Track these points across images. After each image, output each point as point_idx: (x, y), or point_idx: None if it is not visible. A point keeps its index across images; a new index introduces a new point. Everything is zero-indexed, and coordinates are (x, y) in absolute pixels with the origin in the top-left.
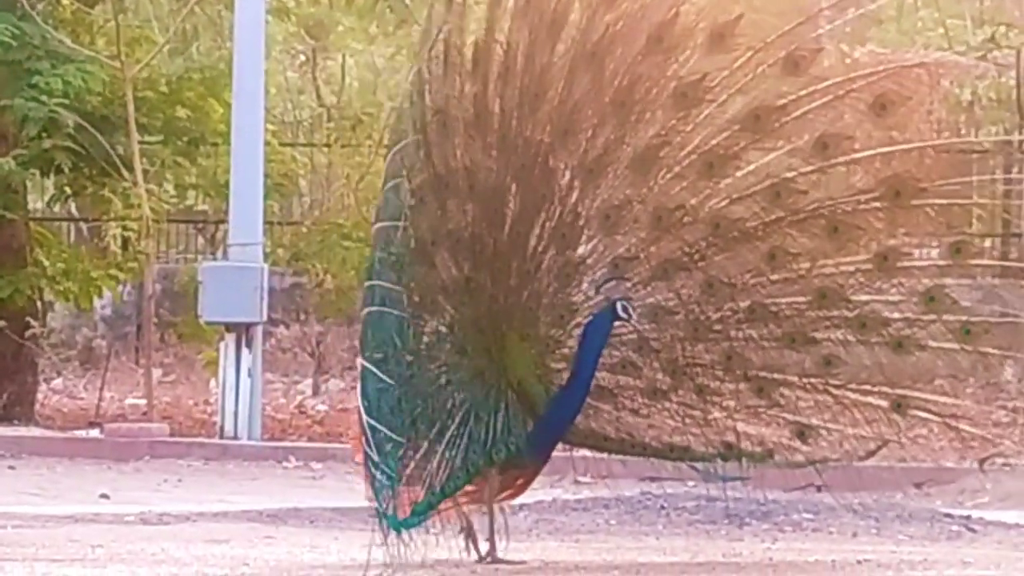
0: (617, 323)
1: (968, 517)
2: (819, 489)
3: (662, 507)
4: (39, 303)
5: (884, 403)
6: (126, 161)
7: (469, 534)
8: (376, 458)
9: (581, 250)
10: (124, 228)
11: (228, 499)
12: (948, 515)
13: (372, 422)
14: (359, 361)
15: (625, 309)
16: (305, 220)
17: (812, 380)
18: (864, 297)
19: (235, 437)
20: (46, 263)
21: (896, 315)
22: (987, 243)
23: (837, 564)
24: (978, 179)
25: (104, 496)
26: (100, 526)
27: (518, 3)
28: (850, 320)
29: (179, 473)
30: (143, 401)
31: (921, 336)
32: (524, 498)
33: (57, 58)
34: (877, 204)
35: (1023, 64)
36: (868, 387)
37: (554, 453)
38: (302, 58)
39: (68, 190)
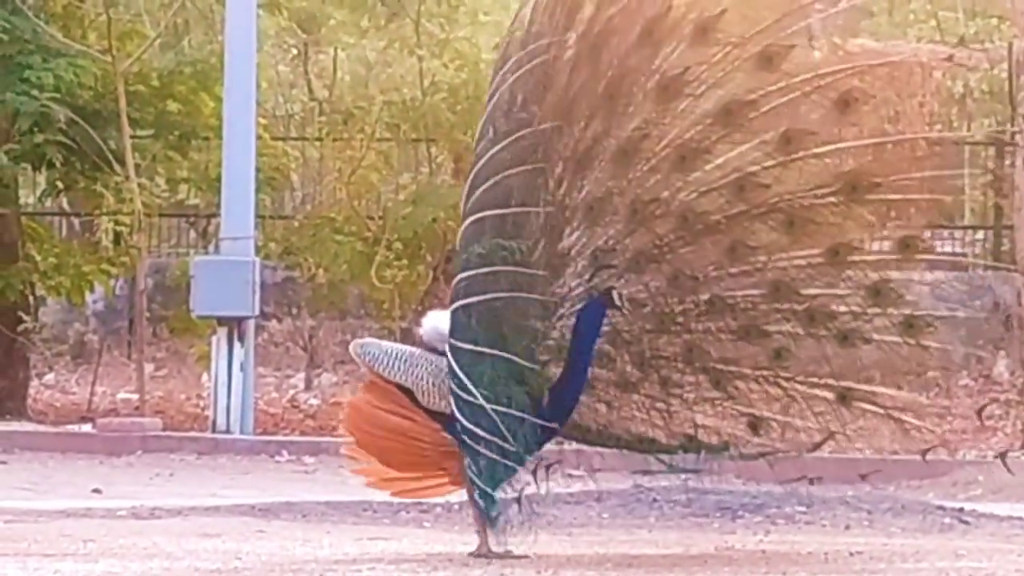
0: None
1: (961, 509)
2: (812, 482)
3: (654, 500)
4: (31, 298)
5: (830, 395)
6: (118, 155)
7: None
8: (511, 447)
9: (565, 242)
10: (116, 222)
11: (220, 493)
12: (941, 507)
13: (502, 409)
14: (456, 346)
15: (620, 297)
16: (297, 214)
17: (764, 372)
18: (814, 291)
19: (227, 431)
20: (38, 258)
21: (843, 308)
22: (979, 235)
23: (830, 556)
24: (931, 174)
25: (96, 491)
26: (92, 521)
27: None
28: (799, 313)
29: (171, 467)
30: (135, 396)
31: (866, 329)
32: (514, 491)
33: (48, 52)
34: (833, 199)
35: (1015, 57)
36: (815, 379)
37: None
38: (294, 52)
39: (60, 185)
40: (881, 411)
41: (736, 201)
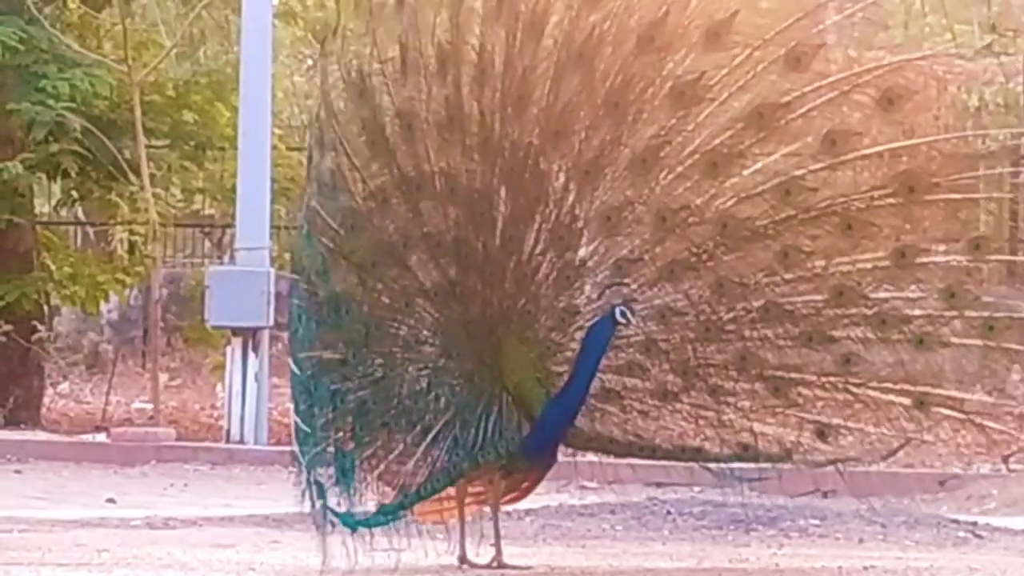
0: (619, 327)
1: (975, 523)
2: (825, 495)
3: (668, 513)
4: (46, 307)
5: (906, 401)
6: (133, 165)
7: (463, 544)
8: (300, 458)
9: (581, 252)
10: (131, 232)
11: (234, 503)
12: (955, 521)
13: (297, 417)
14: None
15: (624, 315)
16: None
17: (831, 379)
18: (883, 294)
19: (241, 441)
20: (53, 267)
21: (917, 312)
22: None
23: (844, 570)
24: (989, 173)
25: (110, 500)
26: (106, 530)
27: (488, 5)
28: (869, 318)
29: (185, 477)
30: (149, 405)
31: (943, 333)
32: (530, 503)
33: (64, 62)
34: (891, 200)
35: None
36: (889, 385)
37: (559, 458)
38: (309, 62)
39: (75, 194)
40: (962, 416)
41: (782, 206)
